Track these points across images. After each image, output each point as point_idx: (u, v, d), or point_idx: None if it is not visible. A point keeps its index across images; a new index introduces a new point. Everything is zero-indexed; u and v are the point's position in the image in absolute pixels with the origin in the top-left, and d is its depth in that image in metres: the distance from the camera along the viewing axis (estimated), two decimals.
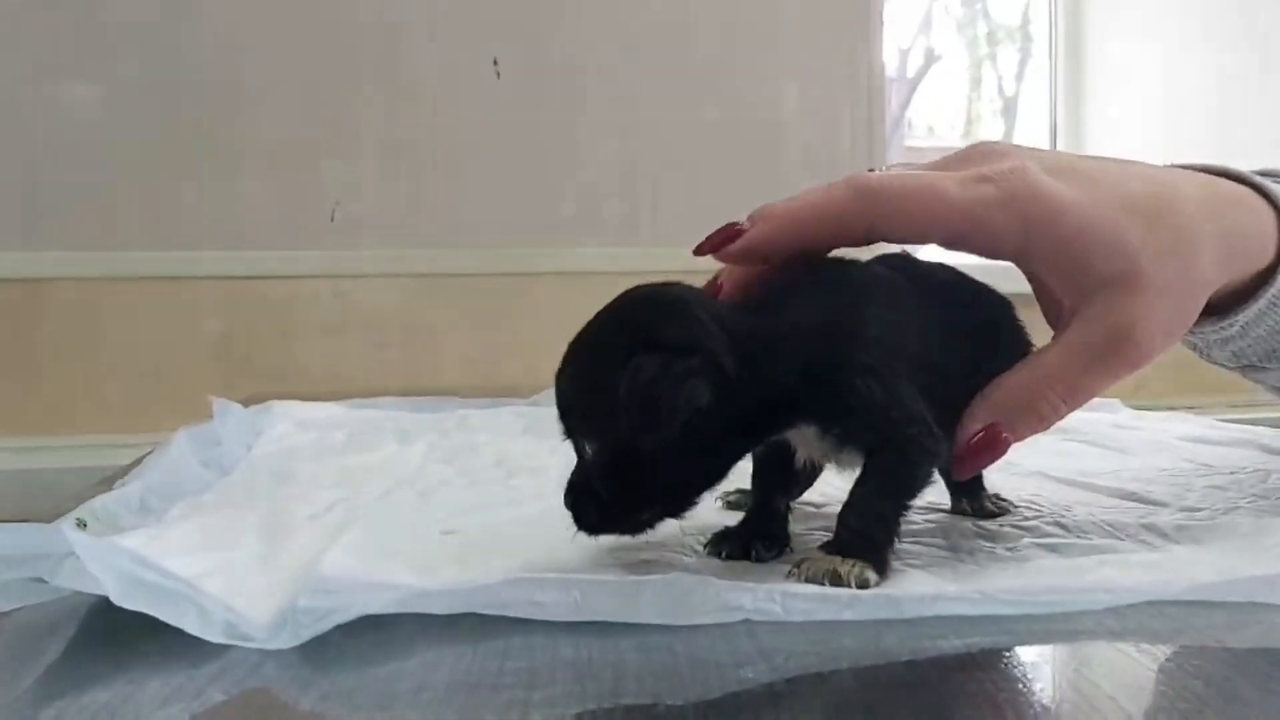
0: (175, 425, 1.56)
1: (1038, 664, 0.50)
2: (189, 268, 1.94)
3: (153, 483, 0.75)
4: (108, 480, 0.87)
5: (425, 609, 0.51)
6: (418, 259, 2.04)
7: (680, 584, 0.52)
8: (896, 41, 3.30)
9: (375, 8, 2.01)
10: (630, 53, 2.10)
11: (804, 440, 0.65)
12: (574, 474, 0.64)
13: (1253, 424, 1.16)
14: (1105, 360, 0.57)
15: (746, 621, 0.52)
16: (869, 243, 0.61)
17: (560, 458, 0.96)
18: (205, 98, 1.94)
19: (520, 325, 2.06)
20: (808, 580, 0.57)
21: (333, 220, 2.00)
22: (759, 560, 0.65)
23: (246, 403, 1.31)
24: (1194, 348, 0.77)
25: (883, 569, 0.59)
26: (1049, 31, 2.94)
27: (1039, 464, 0.94)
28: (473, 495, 0.79)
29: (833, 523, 0.63)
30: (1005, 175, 0.55)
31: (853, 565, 0.58)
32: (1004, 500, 0.77)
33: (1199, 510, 0.74)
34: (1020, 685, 0.48)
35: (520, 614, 0.52)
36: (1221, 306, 0.65)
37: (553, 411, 1.17)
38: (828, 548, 0.60)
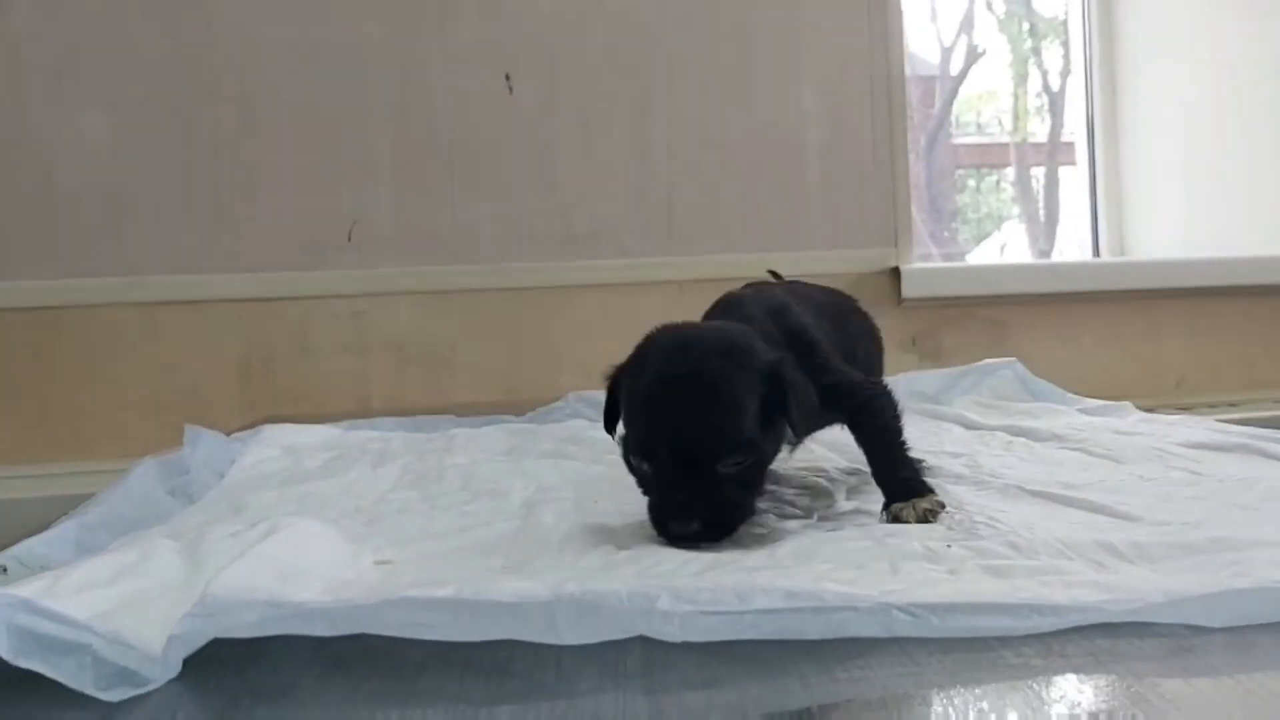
0: None
1: (942, 709, 0.47)
2: (208, 291, 1.95)
3: (97, 518, 0.74)
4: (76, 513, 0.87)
5: (304, 630, 0.49)
6: (435, 276, 2.03)
7: (575, 604, 0.50)
8: (939, 38, 3.25)
9: (388, 26, 2.00)
10: (643, 63, 2.08)
11: None
12: (686, 494, 0.71)
13: None
14: None
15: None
16: None
17: (524, 480, 0.95)
18: (220, 121, 1.95)
19: (538, 339, 2.04)
20: (902, 521, 0.75)
21: (350, 240, 2.00)
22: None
23: (268, 422, 1.32)
24: None
25: (934, 494, 0.78)
26: (1083, 27, 2.88)
27: (1023, 475, 0.91)
28: (422, 522, 0.77)
29: None
30: None
31: (928, 501, 0.76)
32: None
33: (1168, 524, 0.71)
34: None
35: (404, 634, 0.50)
36: None
37: (537, 430, 1.15)
38: (895, 500, 0.77)
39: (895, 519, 0.76)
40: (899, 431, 0.82)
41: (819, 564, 0.64)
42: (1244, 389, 2.22)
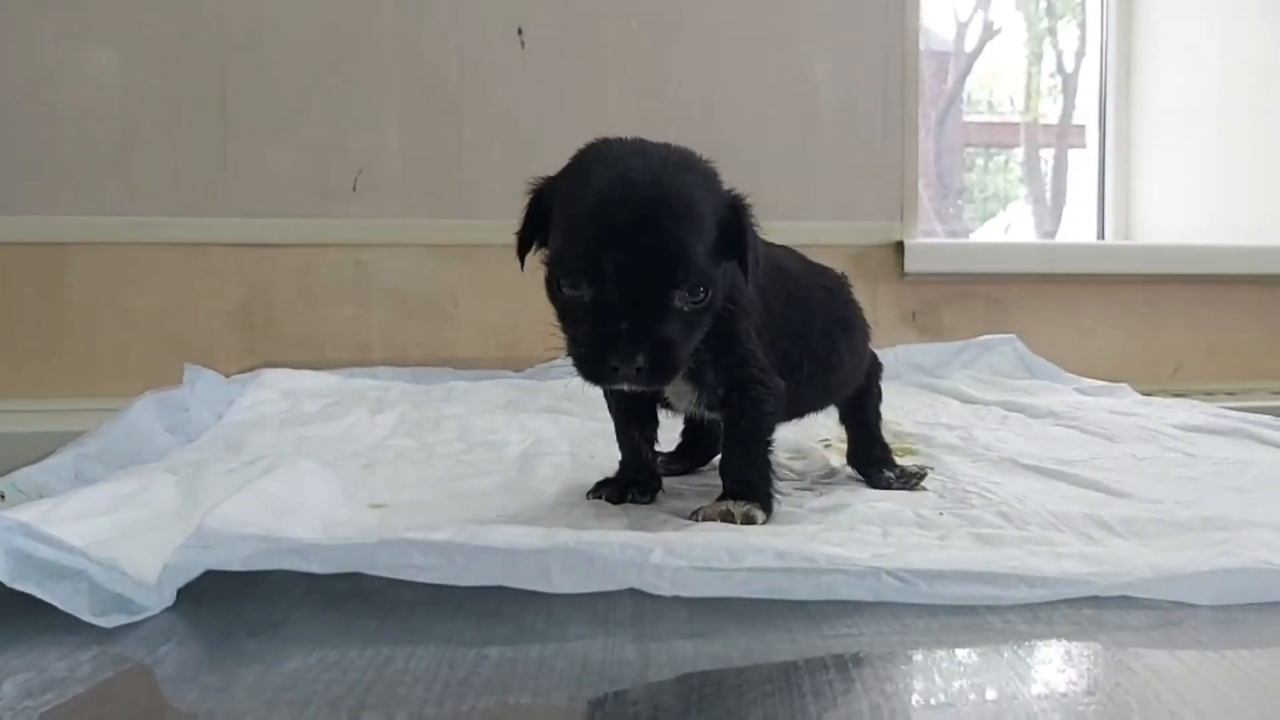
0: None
1: (925, 668, 0.47)
2: (211, 234, 1.95)
3: (96, 449, 0.74)
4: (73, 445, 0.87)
5: (299, 566, 0.50)
6: (440, 229, 2.03)
7: (568, 554, 0.51)
8: (955, 14, 3.23)
9: None
10: (656, 22, 2.07)
11: (678, 392, 0.71)
12: (632, 322, 0.60)
13: None
14: None
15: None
16: None
17: (521, 433, 0.95)
18: (229, 64, 1.94)
19: (541, 297, 2.04)
20: (704, 519, 0.65)
21: (355, 189, 1.99)
22: (634, 502, 0.71)
23: (267, 367, 1.32)
24: None
25: (768, 507, 0.68)
26: (1101, 8, 2.86)
27: (1017, 449, 0.91)
28: (419, 469, 0.78)
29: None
30: None
31: (742, 506, 0.66)
32: (912, 473, 0.80)
33: (1160, 503, 0.71)
34: (897, 692, 0.46)
35: (398, 575, 0.51)
36: None
37: (536, 386, 1.15)
38: (721, 497, 0.68)
39: (694, 513, 0.67)
40: (768, 430, 0.71)
41: (810, 525, 0.65)
42: (1242, 378, 2.22)
